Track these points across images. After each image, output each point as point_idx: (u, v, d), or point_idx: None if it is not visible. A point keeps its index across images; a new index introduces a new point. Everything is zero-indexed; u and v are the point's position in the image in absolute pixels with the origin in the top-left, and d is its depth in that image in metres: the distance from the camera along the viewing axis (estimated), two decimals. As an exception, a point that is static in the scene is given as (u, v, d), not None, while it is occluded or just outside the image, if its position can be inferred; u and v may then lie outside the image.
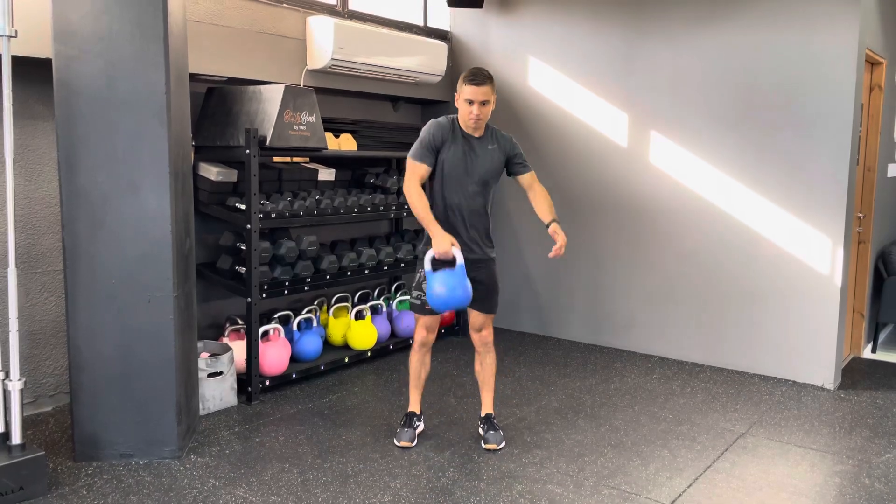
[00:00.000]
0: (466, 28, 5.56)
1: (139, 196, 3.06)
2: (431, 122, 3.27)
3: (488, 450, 3.35)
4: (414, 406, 3.51)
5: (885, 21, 4.83)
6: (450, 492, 2.94)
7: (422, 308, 3.34)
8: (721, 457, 3.31)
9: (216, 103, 4.12)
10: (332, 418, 3.73)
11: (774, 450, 3.42)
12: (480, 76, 3.12)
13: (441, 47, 5.28)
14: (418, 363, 3.45)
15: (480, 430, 3.49)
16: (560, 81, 5.15)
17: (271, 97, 3.90)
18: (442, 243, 3.04)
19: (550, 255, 3.19)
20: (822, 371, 4.31)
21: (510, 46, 5.38)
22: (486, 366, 3.47)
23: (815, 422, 3.77)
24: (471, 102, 3.13)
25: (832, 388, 4.27)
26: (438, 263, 3.10)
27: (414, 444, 3.39)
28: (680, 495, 2.94)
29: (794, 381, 4.38)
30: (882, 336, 5.45)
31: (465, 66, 5.55)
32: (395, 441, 3.41)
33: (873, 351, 5.21)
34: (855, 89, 4.12)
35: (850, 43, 4.10)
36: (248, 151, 3.80)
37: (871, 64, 4.77)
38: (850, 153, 4.17)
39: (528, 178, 3.35)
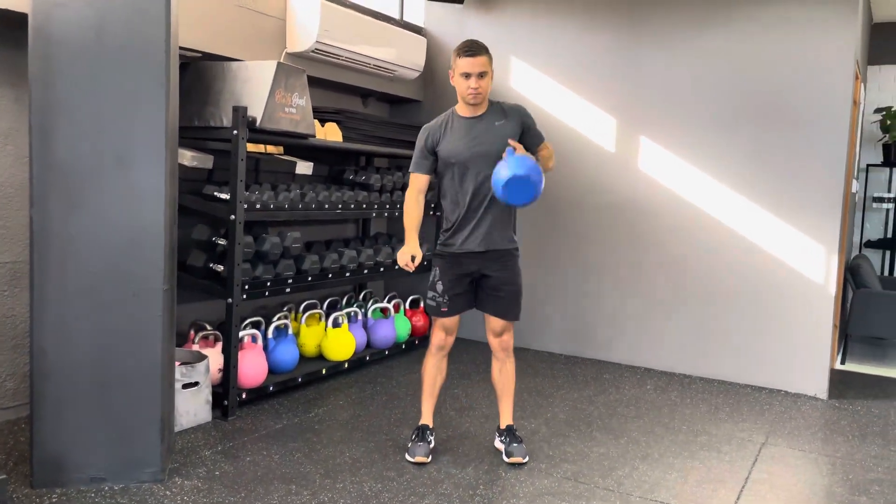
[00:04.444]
0: (443, 24, 5.31)
1: (129, 171, 2.60)
2: (423, 127, 3.09)
3: (512, 463, 3.06)
4: (426, 418, 3.17)
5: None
6: (488, 512, 2.62)
7: (437, 310, 3.06)
8: (755, 467, 3.15)
9: (193, 80, 3.66)
10: (328, 434, 3.32)
11: (802, 459, 3.29)
12: (475, 46, 2.93)
13: (421, 41, 5.02)
14: (434, 369, 3.14)
15: (498, 444, 3.19)
16: (544, 84, 4.97)
17: (261, 75, 3.49)
18: (403, 254, 2.97)
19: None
20: (815, 381, 4.27)
21: (490, 46, 5.12)
22: (504, 372, 3.19)
23: (825, 431, 3.69)
24: (468, 76, 2.90)
25: (825, 398, 4.24)
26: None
27: (429, 460, 3.05)
28: (734, 509, 2.74)
29: (787, 392, 4.32)
30: (841, 347, 5.55)
31: (439, 65, 5.29)
32: (409, 457, 3.05)
33: (842, 362, 5.27)
34: (851, 98, 4.15)
35: (846, 52, 4.13)
36: (235, 132, 3.37)
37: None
38: (845, 161, 4.18)
39: (542, 149, 3.09)
